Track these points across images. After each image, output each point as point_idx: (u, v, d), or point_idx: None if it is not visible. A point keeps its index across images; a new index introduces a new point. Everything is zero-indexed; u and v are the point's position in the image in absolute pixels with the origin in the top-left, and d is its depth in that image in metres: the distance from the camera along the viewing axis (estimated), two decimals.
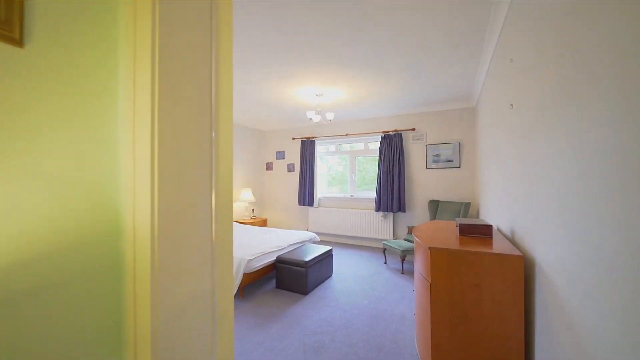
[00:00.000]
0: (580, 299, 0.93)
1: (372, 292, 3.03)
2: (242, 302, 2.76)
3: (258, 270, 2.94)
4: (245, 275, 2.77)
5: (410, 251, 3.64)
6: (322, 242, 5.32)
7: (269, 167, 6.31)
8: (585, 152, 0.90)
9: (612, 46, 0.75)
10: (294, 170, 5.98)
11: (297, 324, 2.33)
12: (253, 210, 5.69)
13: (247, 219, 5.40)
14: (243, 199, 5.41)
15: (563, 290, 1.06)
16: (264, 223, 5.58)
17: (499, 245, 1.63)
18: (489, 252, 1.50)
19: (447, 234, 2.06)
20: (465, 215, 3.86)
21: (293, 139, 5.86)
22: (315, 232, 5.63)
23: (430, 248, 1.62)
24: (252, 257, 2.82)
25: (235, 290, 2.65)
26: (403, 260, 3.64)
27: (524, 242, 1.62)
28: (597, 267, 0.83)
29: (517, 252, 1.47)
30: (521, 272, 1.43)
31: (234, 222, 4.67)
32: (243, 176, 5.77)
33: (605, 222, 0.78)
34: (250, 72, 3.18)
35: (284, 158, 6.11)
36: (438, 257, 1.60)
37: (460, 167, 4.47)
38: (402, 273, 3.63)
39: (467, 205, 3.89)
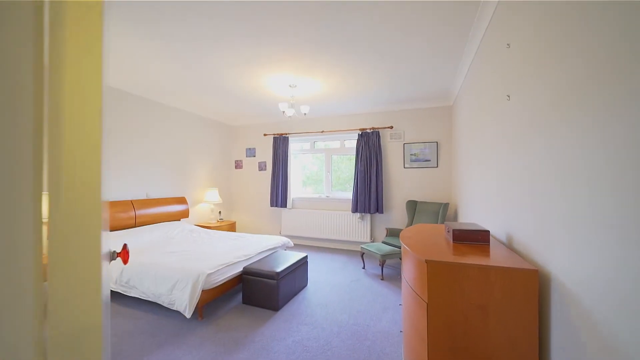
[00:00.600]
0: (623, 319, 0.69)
1: (352, 303, 2.74)
2: (200, 324, 2.33)
3: (221, 284, 2.52)
4: (204, 292, 2.33)
5: (390, 255, 3.41)
6: (296, 247, 4.96)
7: (238, 165, 5.81)
8: (610, 140, 0.66)
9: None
10: (265, 169, 5.55)
11: (267, 352, 1.96)
12: (220, 212, 5.18)
13: (213, 223, 4.88)
14: (208, 200, 4.88)
15: (596, 310, 0.83)
16: (231, 227, 5.09)
17: (499, 255, 1.41)
18: (496, 265, 1.26)
19: (438, 240, 1.82)
20: (444, 217, 3.73)
21: (265, 135, 5.43)
22: (288, 236, 5.25)
23: (427, 262, 1.35)
24: (213, 270, 2.40)
25: (192, 311, 2.22)
26: (383, 265, 3.41)
27: (528, 251, 1.41)
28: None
29: (527, 265, 1.24)
30: (535, 289, 1.20)
31: (195, 226, 4.16)
32: (208, 175, 5.23)
33: None
34: (209, 54, 2.74)
35: (254, 156, 5.65)
36: (437, 273, 1.33)
37: (437, 166, 4.36)
38: (382, 279, 3.40)
39: (446, 206, 3.77)
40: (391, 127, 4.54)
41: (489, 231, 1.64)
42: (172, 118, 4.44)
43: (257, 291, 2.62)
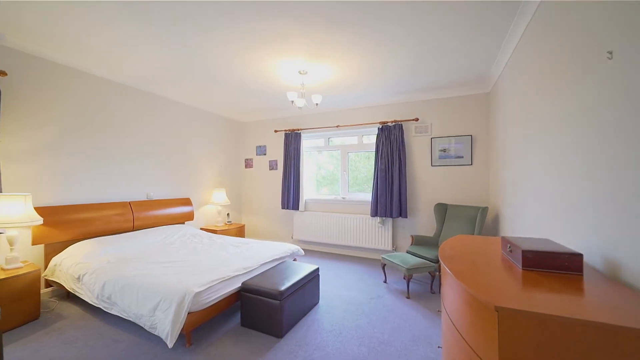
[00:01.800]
0: None
1: (372, 330, 2.24)
2: (187, 353, 1.92)
3: (215, 304, 2.10)
4: (192, 314, 1.92)
5: (418, 269, 2.87)
6: (308, 254, 4.51)
7: (248, 164, 5.45)
8: None
9: None
10: (276, 168, 5.14)
11: None
12: (228, 215, 4.83)
13: (220, 226, 4.53)
14: (215, 202, 4.54)
15: None
16: (240, 231, 4.73)
17: (608, 297, 0.87)
18: (627, 326, 0.72)
19: (494, 261, 1.31)
20: (482, 223, 3.13)
21: (275, 131, 5.03)
22: (301, 241, 4.81)
23: (499, 310, 0.84)
24: (203, 288, 1.98)
25: (174, 339, 1.81)
26: (409, 280, 2.87)
27: None
28: None
29: None
30: None
31: (199, 230, 3.81)
32: (216, 175, 4.90)
33: None
34: (209, 31, 2.34)
35: (265, 154, 5.26)
36: (516, 328, 0.82)
37: (472, 164, 3.75)
38: (408, 297, 2.86)
39: (484, 210, 3.16)
40: (416, 120, 3.98)
41: (582, 255, 1.09)
42: (176, 113, 4.13)
43: (257, 313, 2.18)
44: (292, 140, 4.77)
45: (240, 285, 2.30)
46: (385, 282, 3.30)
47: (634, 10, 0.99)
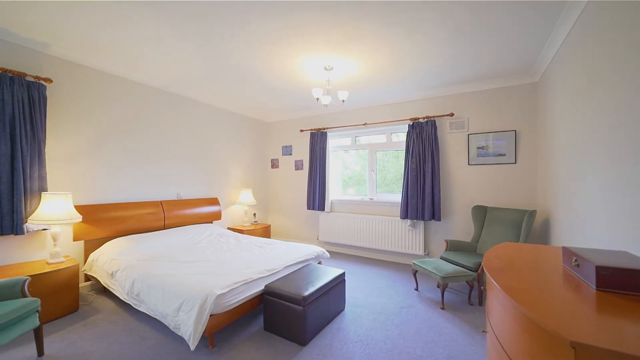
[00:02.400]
0: None
1: (403, 343, 2.05)
2: (210, 355, 1.89)
3: (237, 307, 2.05)
4: (215, 317, 1.89)
5: (455, 278, 2.61)
6: (333, 257, 4.38)
7: (274, 164, 5.45)
8: None
9: None
10: (302, 168, 5.08)
11: None
12: (254, 215, 4.86)
13: (247, 226, 4.56)
14: (241, 202, 4.58)
15: None
16: (266, 231, 4.73)
17: None
18: None
19: (554, 277, 1.09)
20: (529, 229, 2.78)
21: (301, 130, 4.96)
22: (326, 242, 4.70)
23: (577, 347, 0.65)
24: (226, 290, 1.94)
25: (196, 342, 1.78)
26: (444, 290, 2.63)
27: None
28: None
29: None
30: None
31: (226, 230, 3.84)
32: (242, 175, 4.95)
33: None
34: (236, 30, 2.31)
35: (290, 154, 5.23)
36: None
37: (516, 162, 3.37)
38: (443, 308, 2.61)
39: (532, 214, 2.81)
40: (451, 115, 3.68)
41: None
42: (204, 115, 4.23)
43: (280, 318, 2.10)
44: (317, 140, 4.67)
45: (263, 288, 2.23)
46: (416, 289, 3.06)
47: None
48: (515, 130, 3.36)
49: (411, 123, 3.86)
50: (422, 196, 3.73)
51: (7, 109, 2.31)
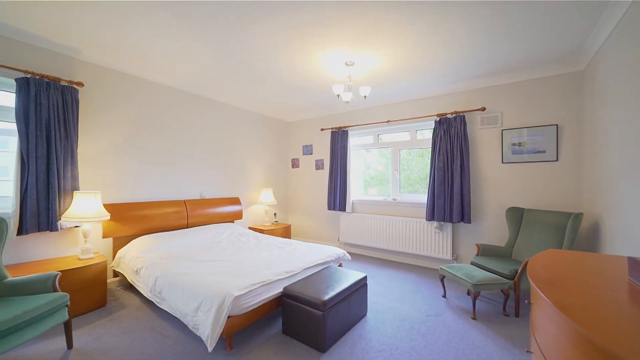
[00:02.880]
0: None
1: (430, 355, 1.89)
2: (227, 357, 1.85)
3: (256, 309, 2.01)
4: (233, 318, 1.85)
5: (487, 286, 2.40)
6: (355, 259, 4.25)
7: (294, 164, 5.42)
8: None
9: None
10: (322, 168, 5.00)
11: None
12: (275, 214, 4.85)
13: (267, 226, 4.56)
14: (262, 202, 4.59)
15: None
16: (286, 231, 4.70)
17: None
18: None
19: (620, 295, 0.91)
20: (574, 233, 2.49)
21: (322, 129, 4.88)
22: (347, 244, 4.58)
23: None
24: (244, 292, 1.90)
25: (214, 343, 1.75)
26: (475, 298, 2.42)
27: None
28: None
29: None
30: None
31: (247, 230, 3.85)
32: (263, 175, 4.96)
33: None
34: (252, 29, 2.28)
35: (311, 153, 5.16)
36: None
37: (557, 160, 3.06)
38: (474, 318, 2.41)
39: (577, 217, 2.51)
40: (483, 109, 3.42)
41: None
42: (226, 116, 4.28)
43: (299, 322, 2.02)
44: (338, 139, 4.57)
45: (282, 290, 2.17)
46: (444, 296, 2.86)
47: None
48: (556, 125, 3.04)
49: (438, 119, 3.64)
50: (450, 197, 3.50)
51: (43, 112, 2.44)
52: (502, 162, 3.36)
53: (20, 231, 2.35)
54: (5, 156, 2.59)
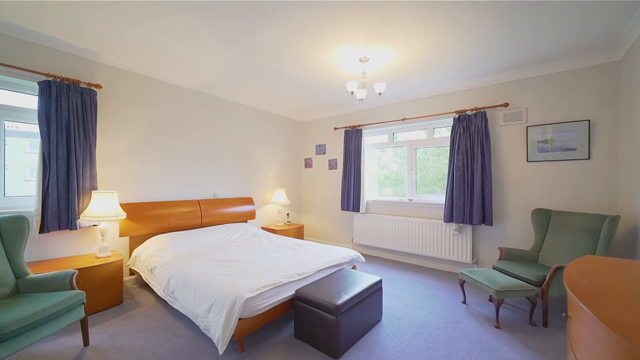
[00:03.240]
0: None
1: None
2: None
3: (268, 311, 1.96)
4: (244, 321, 1.81)
5: (512, 293, 2.24)
6: (369, 260, 4.14)
7: (307, 164, 5.37)
8: None
9: None
10: (336, 168, 4.92)
11: None
12: (288, 214, 4.82)
13: (280, 226, 4.54)
14: (275, 202, 4.57)
15: None
16: (299, 231, 4.65)
17: None
18: None
19: None
20: (610, 238, 2.29)
21: (335, 128, 4.80)
22: (361, 245, 4.48)
23: None
24: (255, 294, 1.86)
25: (225, 346, 1.72)
26: (499, 306, 2.27)
27: None
28: None
29: None
30: None
31: (259, 230, 3.84)
32: (276, 175, 4.94)
33: None
34: (266, 27, 2.24)
35: (324, 153, 5.10)
36: None
37: (589, 158, 2.84)
38: (498, 327, 2.26)
39: (614, 220, 2.31)
40: (505, 105, 3.23)
41: None
42: (239, 115, 4.28)
43: (312, 326, 1.96)
44: (352, 138, 4.48)
45: (294, 292, 2.12)
46: (464, 302, 2.72)
47: None
48: (588, 120, 2.82)
49: (457, 116, 3.48)
50: (470, 197, 3.33)
51: (63, 114, 2.51)
52: (527, 161, 3.16)
53: (43, 229, 2.42)
54: (32, 158, 2.68)
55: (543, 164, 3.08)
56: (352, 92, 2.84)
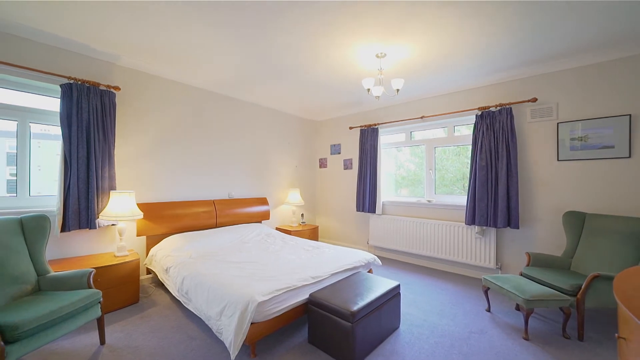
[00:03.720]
0: None
1: None
2: None
3: (281, 315, 1.90)
4: (256, 325, 1.76)
5: (543, 302, 2.06)
6: (385, 263, 4.01)
7: (322, 164, 5.30)
8: None
9: None
10: (351, 168, 4.82)
11: None
12: (302, 215, 4.77)
13: (294, 226, 4.49)
14: (289, 202, 4.53)
15: None
16: (313, 232, 4.59)
17: None
18: None
19: None
20: None
21: (350, 128, 4.71)
22: (377, 247, 4.36)
23: None
24: (267, 297, 1.80)
25: (237, 350, 1.67)
26: (528, 316, 2.10)
27: None
28: None
29: None
30: None
31: (274, 230, 3.80)
32: (290, 175, 4.90)
33: None
34: (278, 25, 2.19)
35: (339, 153, 5.01)
36: None
37: (630, 156, 2.60)
38: (527, 339, 2.09)
39: None
40: (533, 100, 3.02)
41: None
42: (254, 116, 4.27)
43: (326, 332, 1.88)
44: (368, 137, 4.36)
45: (307, 296, 2.05)
46: (488, 311, 2.55)
47: None
48: (629, 115, 2.58)
49: (479, 113, 3.29)
50: (494, 199, 3.14)
51: (84, 116, 2.57)
52: (558, 160, 2.94)
53: (64, 228, 2.48)
54: (56, 159, 2.77)
55: (576, 162, 2.85)
56: (369, 90, 2.74)
